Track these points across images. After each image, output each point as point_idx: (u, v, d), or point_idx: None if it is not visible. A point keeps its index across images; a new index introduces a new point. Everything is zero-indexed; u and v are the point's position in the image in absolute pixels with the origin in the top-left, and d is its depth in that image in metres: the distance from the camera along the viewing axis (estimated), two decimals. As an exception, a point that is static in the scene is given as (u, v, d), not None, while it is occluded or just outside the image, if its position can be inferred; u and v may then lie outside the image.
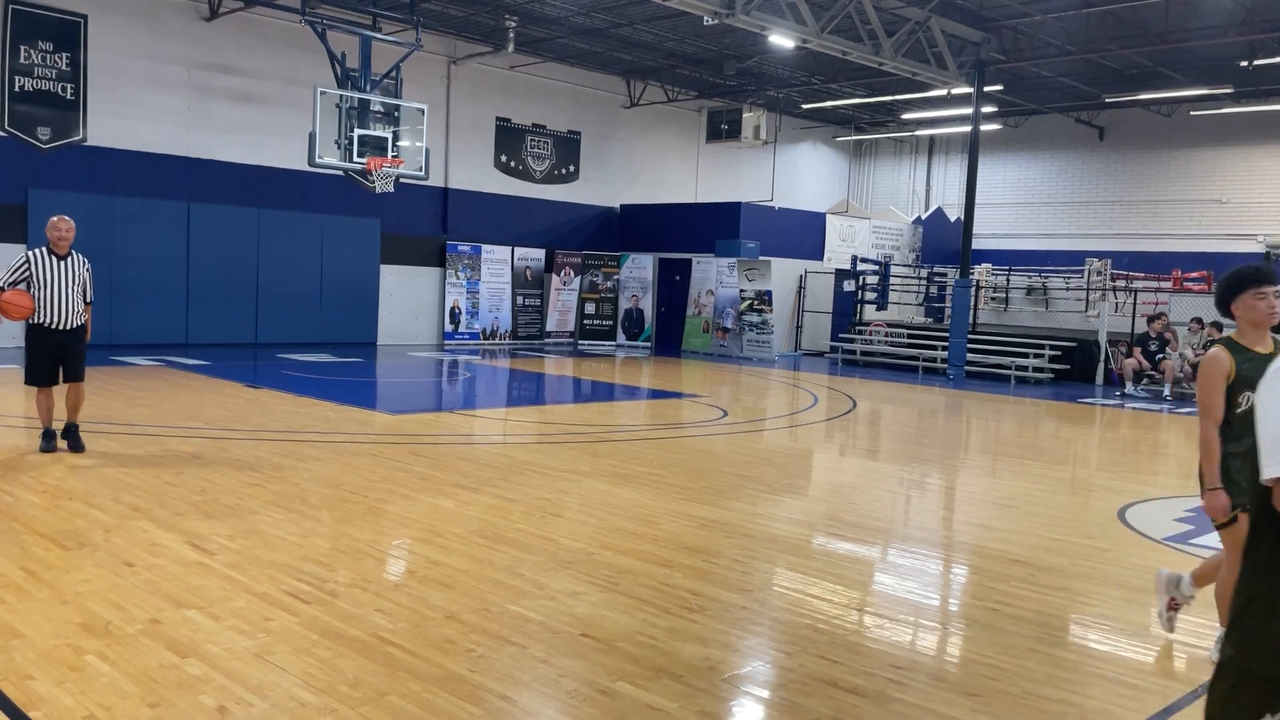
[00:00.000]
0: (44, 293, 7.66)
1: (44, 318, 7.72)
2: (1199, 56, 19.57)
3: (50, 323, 7.74)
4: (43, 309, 7.68)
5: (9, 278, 7.61)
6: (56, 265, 7.75)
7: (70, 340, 7.87)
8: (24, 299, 7.58)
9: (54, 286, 7.71)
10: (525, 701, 3.78)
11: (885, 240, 25.58)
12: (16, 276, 7.66)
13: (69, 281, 7.77)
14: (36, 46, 16.14)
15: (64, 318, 7.78)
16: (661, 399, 14.08)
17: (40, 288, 7.66)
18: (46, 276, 7.68)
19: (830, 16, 16.24)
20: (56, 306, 7.73)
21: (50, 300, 7.69)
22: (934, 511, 7.92)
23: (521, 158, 22.77)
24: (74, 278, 7.82)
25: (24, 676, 3.73)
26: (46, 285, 7.67)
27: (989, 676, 4.21)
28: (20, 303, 7.57)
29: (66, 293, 7.76)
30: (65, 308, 7.77)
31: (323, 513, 6.46)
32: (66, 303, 7.76)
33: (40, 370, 7.88)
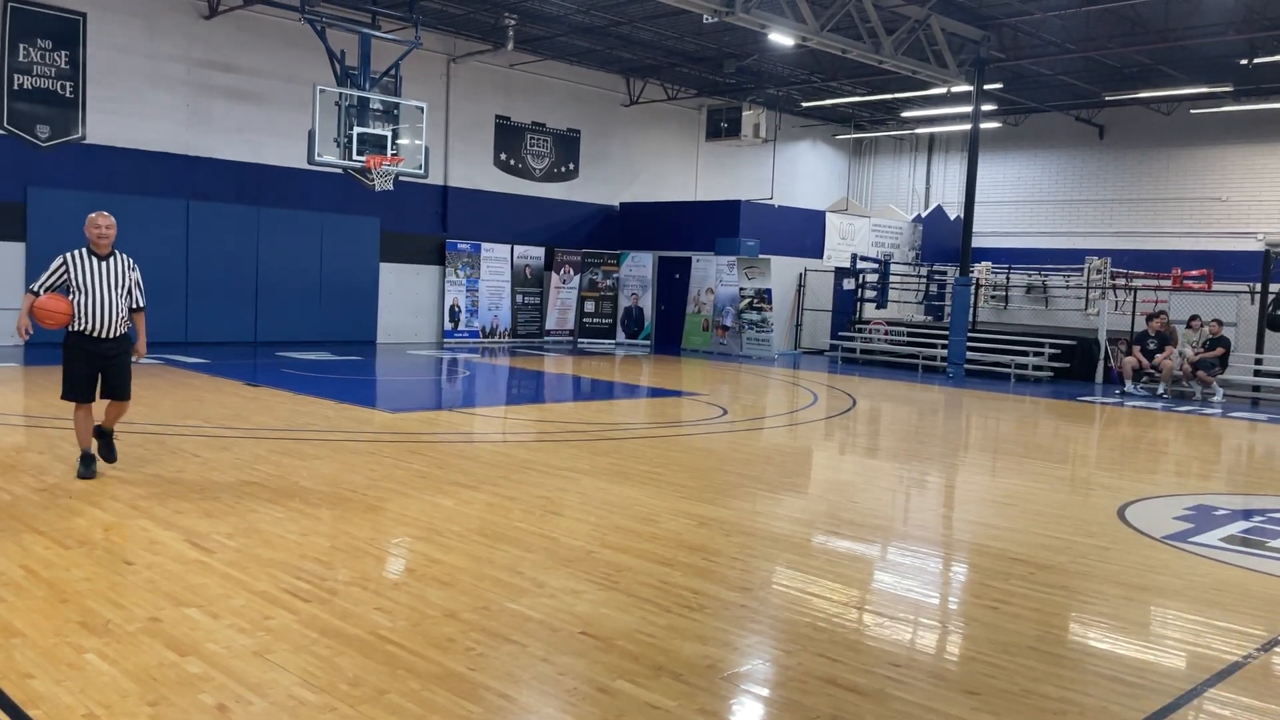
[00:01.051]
0: (84, 297, 6.83)
1: (83, 324, 6.85)
2: (1199, 55, 19.56)
3: (90, 330, 6.86)
4: (82, 315, 6.84)
5: (45, 281, 6.85)
6: (97, 267, 6.92)
7: (113, 350, 6.98)
8: (60, 303, 6.81)
9: (95, 290, 6.86)
10: (525, 700, 3.78)
11: (885, 238, 25.58)
12: (53, 280, 6.87)
13: (112, 285, 6.93)
14: (36, 44, 16.13)
15: (106, 325, 6.90)
16: (661, 397, 14.07)
17: (80, 292, 6.84)
18: (86, 280, 6.85)
19: (830, 14, 16.23)
20: (97, 312, 6.86)
21: (91, 306, 6.84)
22: (934, 510, 7.92)
23: (521, 156, 22.76)
24: (118, 280, 6.97)
25: (23, 675, 3.73)
26: (87, 289, 6.84)
27: (989, 674, 4.21)
28: (56, 308, 6.79)
29: (109, 297, 6.90)
30: (107, 314, 6.89)
31: (322, 511, 6.46)
32: (109, 308, 6.90)
33: (78, 383, 6.95)
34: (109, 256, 6.98)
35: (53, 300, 6.79)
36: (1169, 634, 4.91)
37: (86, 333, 6.87)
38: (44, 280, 6.83)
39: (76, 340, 6.91)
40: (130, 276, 7.06)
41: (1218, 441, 12.50)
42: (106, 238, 6.97)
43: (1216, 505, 8.04)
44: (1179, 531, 7.01)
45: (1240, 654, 4.59)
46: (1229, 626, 4.98)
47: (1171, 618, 5.16)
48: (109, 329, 6.92)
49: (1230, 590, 5.64)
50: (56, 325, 6.83)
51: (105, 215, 7.05)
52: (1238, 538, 6.98)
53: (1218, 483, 9.52)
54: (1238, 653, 4.61)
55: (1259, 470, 10.60)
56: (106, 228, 6.98)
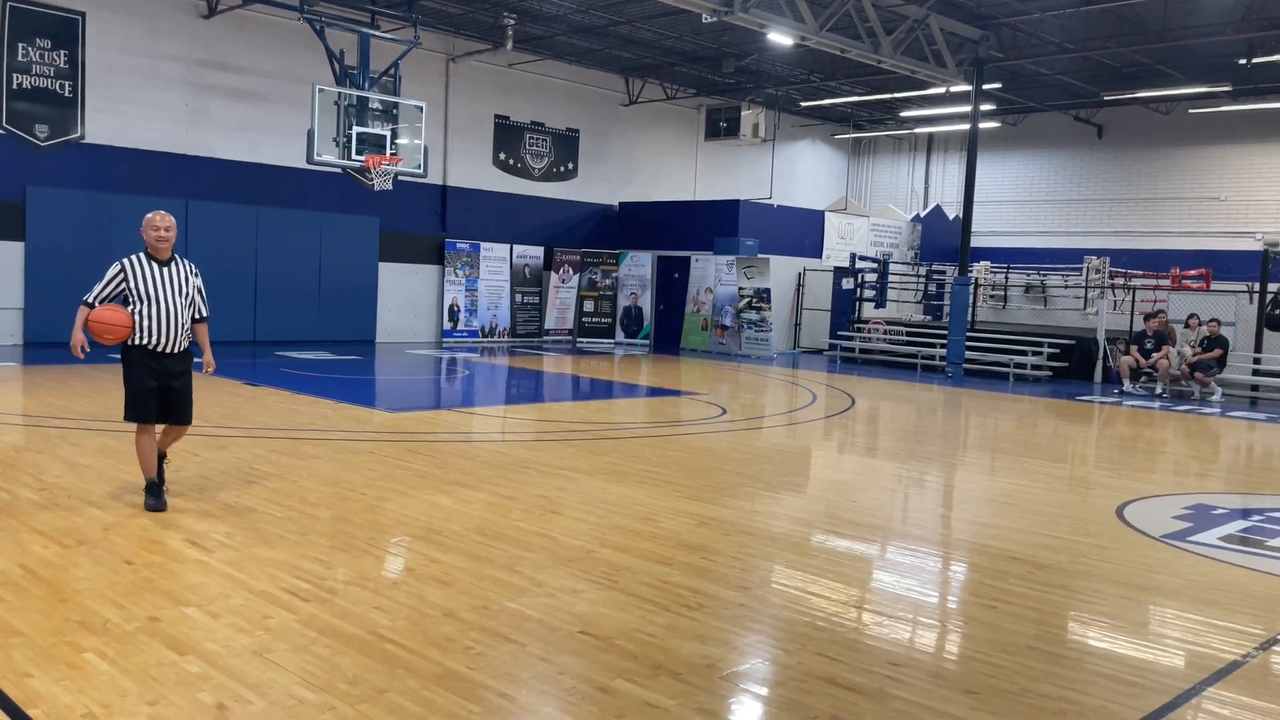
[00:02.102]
0: (144, 308, 6.14)
1: (144, 338, 6.17)
2: (1197, 54, 19.57)
3: (152, 344, 6.19)
4: (143, 328, 6.15)
5: (101, 291, 6.18)
6: (158, 274, 6.24)
7: (176, 367, 6.32)
8: (119, 315, 6.14)
9: (156, 300, 6.17)
10: (524, 699, 3.78)
11: (884, 238, 25.59)
12: (110, 290, 6.18)
13: (174, 293, 6.25)
14: (35, 44, 16.12)
15: (168, 338, 6.23)
16: (660, 397, 14.07)
17: (139, 302, 6.15)
18: (146, 288, 6.16)
19: (829, 14, 16.24)
20: (160, 324, 6.18)
21: (152, 317, 6.16)
22: (932, 509, 7.93)
23: (520, 155, 22.76)
24: (180, 288, 6.29)
25: (22, 674, 3.73)
26: (147, 298, 6.15)
27: (987, 674, 4.22)
28: (114, 321, 6.11)
29: (171, 307, 6.23)
30: (170, 326, 6.22)
31: (321, 510, 6.46)
32: (172, 319, 6.22)
33: (141, 401, 6.22)
34: (170, 261, 6.32)
35: (110, 312, 6.11)
36: (1168, 633, 4.92)
37: (147, 346, 6.21)
38: (99, 290, 6.16)
39: (138, 354, 6.21)
40: (193, 283, 6.40)
41: (1216, 441, 12.51)
42: (167, 240, 6.29)
43: (1215, 504, 8.05)
44: (1177, 531, 7.02)
45: (1239, 653, 4.60)
46: (1227, 625, 4.98)
47: (1170, 617, 5.16)
48: (172, 342, 6.25)
49: (1229, 589, 5.64)
50: (115, 340, 6.14)
51: (165, 215, 6.37)
52: (1236, 537, 6.99)
53: (1216, 482, 9.53)
54: (1236, 652, 4.61)
55: (1257, 469, 10.60)
56: (166, 229, 6.30)
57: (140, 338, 6.18)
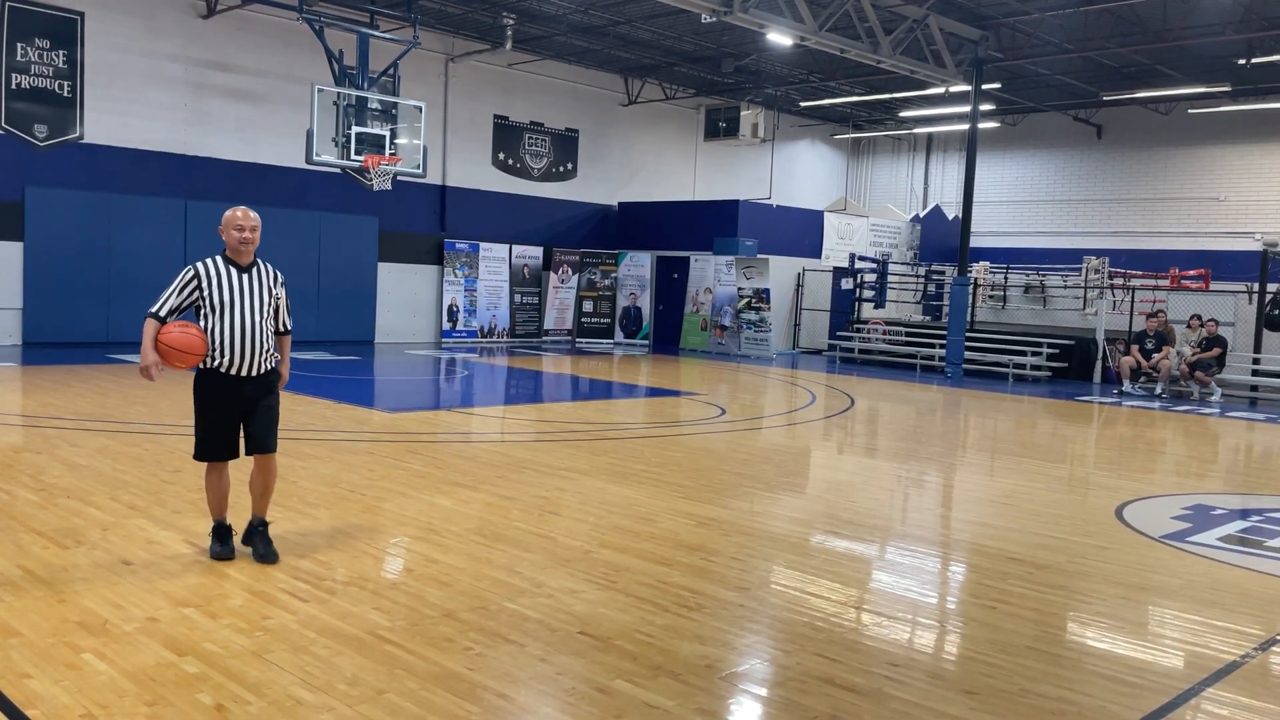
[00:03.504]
0: (221, 322, 5.13)
1: (220, 359, 5.14)
2: (1197, 54, 19.58)
3: (229, 367, 5.16)
4: (219, 347, 5.13)
5: (171, 302, 5.17)
6: (238, 281, 5.23)
7: (257, 392, 5.27)
8: (192, 337, 5.08)
9: (236, 313, 5.15)
10: (523, 699, 3.78)
11: (883, 238, 25.59)
12: (182, 300, 5.18)
13: (257, 304, 5.23)
14: (33, 44, 16.12)
15: (250, 359, 5.18)
16: (659, 397, 14.07)
17: (216, 315, 5.14)
18: (225, 298, 5.16)
19: (828, 14, 16.24)
20: (239, 343, 5.14)
21: (230, 334, 5.13)
22: (932, 509, 7.93)
23: (519, 155, 22.76)
24: (262, 299, 5.27)
25: (21, 675, 3.73)
26: (225, 311, 5.14)
27: (987, 674, 4.22)
28: (186, 346, 5.06)
29: (253, 321, 5.18)
30: (252, 343, 5.17)
31: (320, 511, 6.46)
32: (254, 336, 5.17)
33: (216, 437, 5.22)
34: (252, 266, 5.34)
35: (181, 332, 5.10)
36: (1167, 633, 4.92)
37: (224, 370, 5.15)
38: (168, 300, 5.18)
39: (211, 381, 5.18)
40: (277, 293, 5.43)
41: (1215, 441, 12.51)
42: (250, 242, 5.31)
43: (1214, 505, 8.05)
44: (1177, 531, 7.02)
45: (1238, 653, 4.60)
46: (1227, 626, 4.98)
47: (1169, 617, 5.16)
48: (254, 364, 5.20)
49: (1228, 590, 5.64)
50: (187, 366, 5.16)
51: (248, 212, 5.43)
52: (1235, 537, 6.99)
53: (1215, 482, 9.53)
54: (1235, 652, 4.61)
55: (1257, 470, 10.61)
56: (251, 229, 5.33)
57: (215, 359, 5.13)
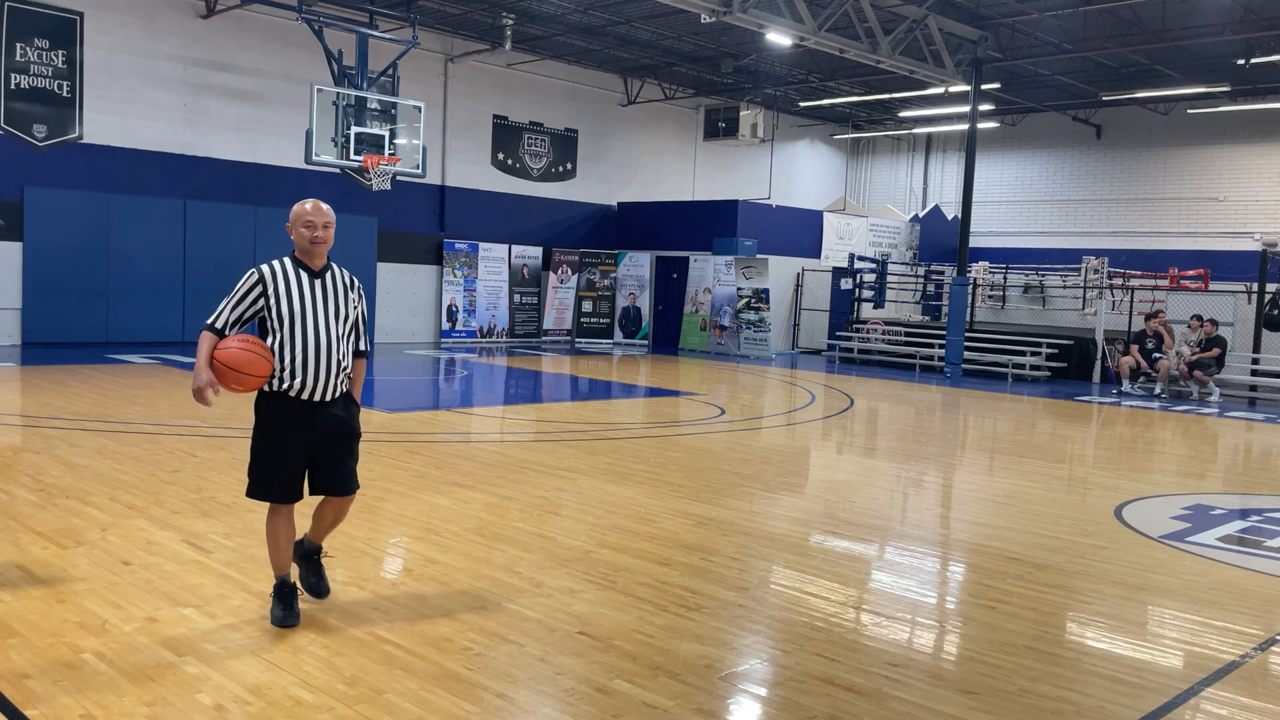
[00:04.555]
0: (289, 336, 4.30)
1: (288, 380, 4.29)
2: (1196, 55, 19.59)
3: (299, 390, 4.31)
4: (288, 366, 4.29)
5: (231, 312, 4.37)
6: (309, 288, 4.39)
7: (333, 422, 4.40)
8: (253, 356, 4.25)
9: (308, 326, 4.32)
10: (522, 699, 3.78)
11: (882, 238, 25.59)
12: (245, 310, 4.36)
13: (331, 315, 4.39)
14: (33, 44, 16.12)
15: (323, 380, 4.33)
16: (659, 397, 14.07)
17: (284, 327, 4.31)
18: (294, 307, 4.33)
19: (828, 14, 16.24)
20: (311, 361, 4.30)
21: (300, 350, 4.29)
22: (931, 509, 7.93)
23: (519, 156, 22.76)
24: (338, 309, 4.43)
25: (21, 675, 3.73)
26: (294, 323, 4.31)
27: (986, 674, 4.22)
28: (246, 365, 4.23)
29: (327, 334, 4.35)
30: (326, 362, 4.33)
31: (320, 511, 6.45)
32: (327, 352, 4.33)
33: (277, 472, 4.34)
34: (325, 271, 4.49)
35: (242, 349, 4.25)
36: (1166, 633, 4.92)
37: (292, 393, 4.32)
38: (228, 309, 4.37)
39: (277, 404, 4.34)
40: (353, 302, 4.54)
41: (1215, 441, 12.51)
42: (323, 241, 4.44)
43: (1213, 505, 8.05)
44: (1176, 531, 7.02)
45: (1237, 653, 4.60)
46: (1226, 626, 4.98)
47: (1169, 617, 5.16)
48: (328, 386, 4.36)
49: (1227, 590, 5.64)
50: (249, 389, 4.32)
51: (319, 204, 4.52)
52: (1235, 537, 6.99)
53: (1215, 482, 9.53)
54: (1235, 652, 4.61)
55: (1256, 470, 10.61)
56: (324, 226, 4.45)
57: (282, 381, 4.29)
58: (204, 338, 4.34)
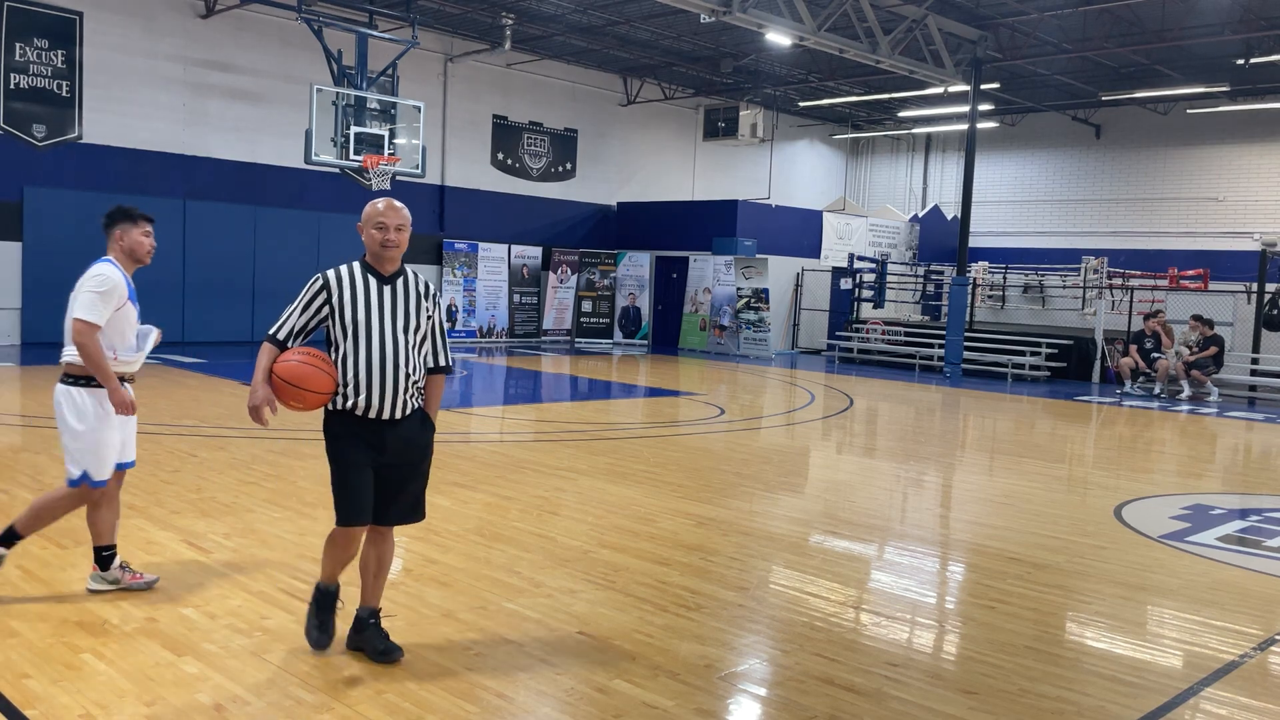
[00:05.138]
0: (354, 347, 3.91)
1: (353, 397, 3.90)
2: (1195, 55, 19.59)
3: (365, 408, 3.92)
4: (353, 381, 3.90)
5: (293, 321, 3.99)
6: (378, 295, 3.98)
7: (402, 444, 4.00)
8: (314, 371, 3.88)
9: (375, 337, 3.93)
10: (522, 699, 3.78)
11: (882, 238, 25.60)
12: (307, 319, 3.98)
13: (402, 326, 3.98)
14: (32, 44, 16.11)
15: (392, 398, 3.93)
16: (659, 397, 14.07)
17: (350, 338, 3.92)
18: (359, 316, 3.93)
19: (827, 14, 16.24)
20: (376, 375, 3.90)
21: (367, 364, 3.90)
22: (931, 509, 7.93)
23: (518, 155, 22.76)
24: (410, 318, 4.01)
25: (20, 675, 3.73)
26: (358, 333, 3.92)
27: (986, 674, 4.22)
28: (304, 379, 3.87)
29: (397, 347, 3.95)
30: (395, 378, 3.93)
31: (319, 511, 6.45)
32: (397, 368, 3.94)
33: (355, 495, 3.97)
34: (397, 277, 4.06)
35: (302, 362, 3.88)
36: (1166, 633, 4.92)
37: (358, 411, 3.93)
38: (291, 318, 3.99)
39: (341, 424, 3.96)
40: (426, 311, 4.09)
41: (1214, 441, 12.51)
42: (395, 245, 4.01)
43: (1213, 505, 8.05)
44: (1176, 531, 7.02)
45: (1237, 653, 4.60)
46: (1225, 626, 4.98)
47: (1168, 617, 5.16)
48: (396, 403, 3.95)
49: (1227, 589, 5.65)
50: (312, 405, 3.92)
51: (393, 203, 4.14)
52: (1234, 537, 6.99)
53: (1214, 482, 9.54)
54: (1234, 652, 4.61)
55: (1255, 470, 10.61)
56: (397, 228, 4.05)
57: (347, 398, 3.91)
58: (264, 349, 3.98)
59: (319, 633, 4.10)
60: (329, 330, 4.00)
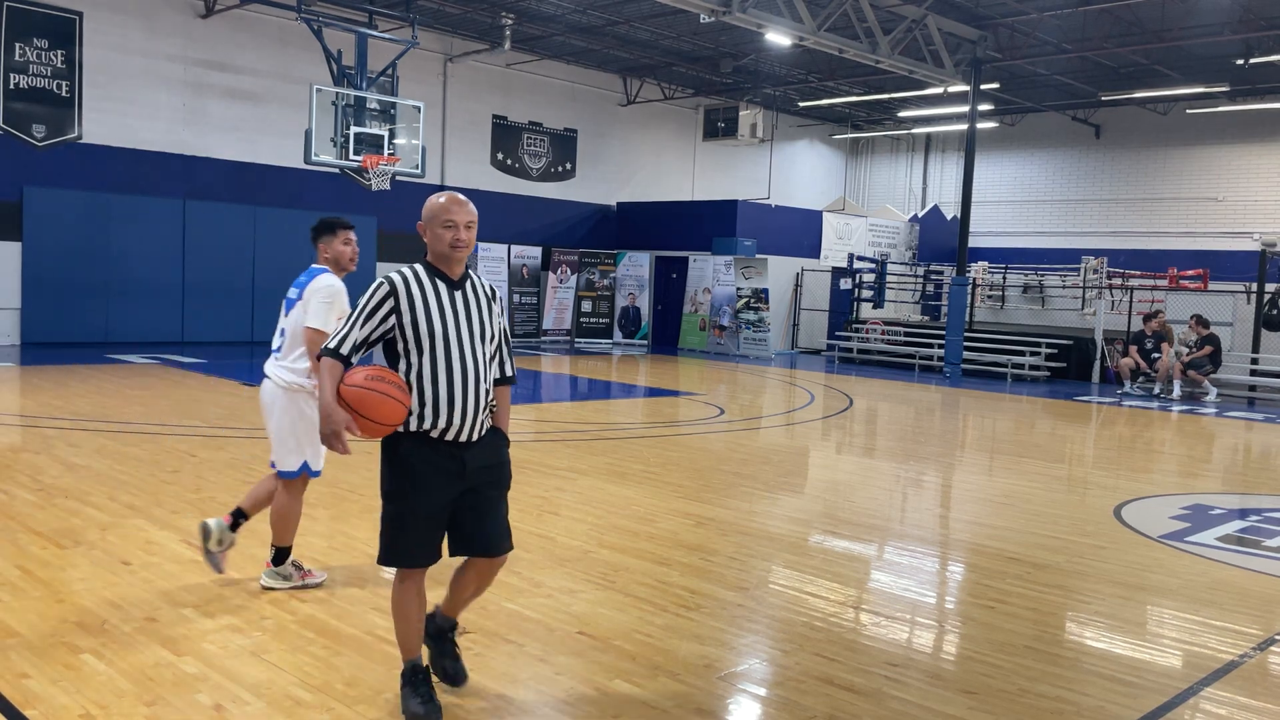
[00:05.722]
0: (429, 362, 3.49)
1: (428, 418, 3.48)
2: (1195, 55, 19.59)
3: (442, 429, 3.50)
4: (427, 401, 3.48)
5: (357, 331, 3.52)
6: (448, 301, 3.56)
7: (479, 463, 3.61)
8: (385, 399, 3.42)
9: (449, 349, 3.52)
10: (522, 699, 3.78)
11: (882, 238, 25.60)
12: (372, 329, 3.52)
13: (476, 336, 3.59)
14: (32, 44, 16.11)
15: (470, 416, 3.53)
16: (658, 397, 14.08)
17: (421, 352, 3.49)
18: (433, 326, 3.50)
19: (827, 14, 16.24)
20: (456, 392, 3.50)
21: (441, 379, 3.49)
22: (930, 509, 7.93)
23: (518, 155, 22.76)
24: (482, 327, 3.62)
25: (19, 675, 3.73)
26: (433, 345, 3.50)
27: (985, 674, 4.22)
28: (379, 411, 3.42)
29: (473, 360, 3.56)
30: (474, 394, 3.54)
31: (319, 511, 6.45)
32: (476, 383, 3.55)
33: (418, 530, 3.52)
34: (464, 281, 3.64)
35: (374, 390, 3.40)
36: (1165, 633, 4.92)
37: (433, 434, 3.50)
38: (355, 328, 3.52)
39: (410, 448, 3.51)
40: (496, 318, 3.73)
41: (1213, 441, 12.52)
42: (465, 245, 3.60)
43: (1213, 504, 8.05)
44: (1175, 531, 7.02)
45: (1236, 653, 4.60)
46: (1225, 626, 4.98)
47: (1168, 617, 5.17)
48: (474, 423, 3.56)
49: (1226, 589, 5.65)
50: (378, 436, 3.51)
51: (456, 197, 3.69)
52: (1234, 537, 6.99)
53: (1214, 482, 9.54)
54: (1234, 652, 4.61)
55: (1255, 469, 10.61)
56: (467, 225, 3.64)
57: (421, 419, 3.48)
58: (327, 367, 3.49)
59: (425, 707, 3.50)
60: (395, 343, 3.52)
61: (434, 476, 3.49)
